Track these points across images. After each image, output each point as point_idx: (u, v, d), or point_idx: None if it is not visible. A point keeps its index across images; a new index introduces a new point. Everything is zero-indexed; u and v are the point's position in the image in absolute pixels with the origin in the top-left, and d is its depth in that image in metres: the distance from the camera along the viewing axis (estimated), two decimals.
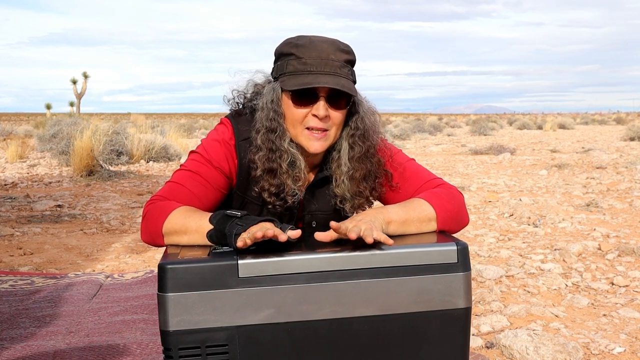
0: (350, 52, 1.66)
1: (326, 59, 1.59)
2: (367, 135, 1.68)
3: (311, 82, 1.57)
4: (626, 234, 4.32)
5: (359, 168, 1.68)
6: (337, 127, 1.66)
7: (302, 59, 1.60)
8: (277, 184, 1.64)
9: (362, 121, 1.68)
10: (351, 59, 1.66)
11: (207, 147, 1.70)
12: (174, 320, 1.34)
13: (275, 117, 1.63)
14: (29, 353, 2.18)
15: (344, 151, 1.68)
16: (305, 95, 1.60)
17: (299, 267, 1.36)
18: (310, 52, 1.60)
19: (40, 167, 9.91)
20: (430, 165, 10.05)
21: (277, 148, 1.63)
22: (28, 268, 3.60)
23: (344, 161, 1.68)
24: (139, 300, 2.87)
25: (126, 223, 5.06)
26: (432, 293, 1.40)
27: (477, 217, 5.11)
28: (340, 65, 1.61)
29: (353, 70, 1.67)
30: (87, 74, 37.16)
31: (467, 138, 20.06)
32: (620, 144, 15.33)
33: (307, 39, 1.63)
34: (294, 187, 1.66)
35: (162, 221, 1.55)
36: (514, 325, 2.54)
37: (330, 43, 1.63)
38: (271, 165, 1.63)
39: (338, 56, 1.61)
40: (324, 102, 1.60)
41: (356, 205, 1.71)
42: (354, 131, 1.68)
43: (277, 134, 1.63)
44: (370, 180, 1.70)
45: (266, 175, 1.64)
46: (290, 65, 1.61)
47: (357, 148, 1.67)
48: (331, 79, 1.58)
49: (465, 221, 1.67)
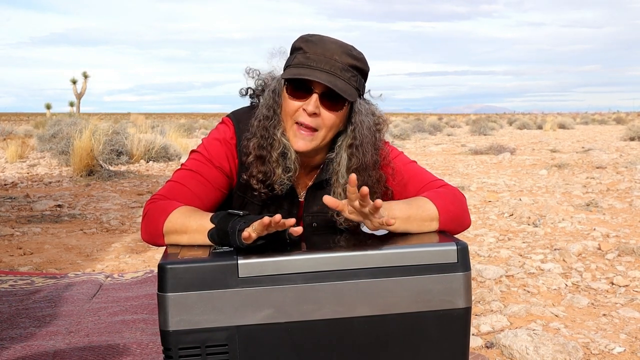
0: (359, 59, 1.63)
1: (329, 58, 1.58)
2: (365, 147, 1.64)
3: (304, 74, 1.56)
4: (626, 233, 4.32)
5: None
6: (328, 129, 1.62)
7: (307, 54, 1.60)
8: (265, 171, 1.63)
9: (360, 132, 1.64)
10: (358, 65, 1.62)
11: (208, 147, 1.70)
12: (173, 320, 1.34)
13: (273, 106, 1.64)
14: (29, 353, 2.18)
15: (342, 162, 1.65)
16: (300, 88, 1.60)
17: (299, 267, 1.36)
18: (316, 49, 1.59)
19: (40, 167, 9.91)
20: (430, 165, 10.06)
21: (270, 136, 1.62)
22: (28, 268, 3.60)
23: (341, 173, 1.65)
24: (138, 300, 2.87)
25: (126, 223, 5.06)
26: (432, 293, 1.40)
27: (477, 217, 5.11)
28: (342, 68, 1.59)
29: (359, 78, 1.64)
30: (87, 74, 37.15)
31: (467, 138, 20.06)
32: (620, 143, 15.33)
33: (318, 36, 1.64)
34: (283, 177, 1.64)
35: (163, 220, 1.55)
36: (514, 325, 2.54)
37: (340, 45, 1.61)
38: (262, 152, 1.62)
39: (343, 58, 1.59)
40: (316, 99, 1.58)
41: (348, 220, 1.69)
42: (352, 141, 1.65)
43: (272, 122, 1.63)
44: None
45: (256, 161, 1.63)
46: (296, 59, 1.61)
47: (355, 159, 1.64)
48: (326, 77, 1.56)
49: (466, 223, 1.67)
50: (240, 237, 1.38)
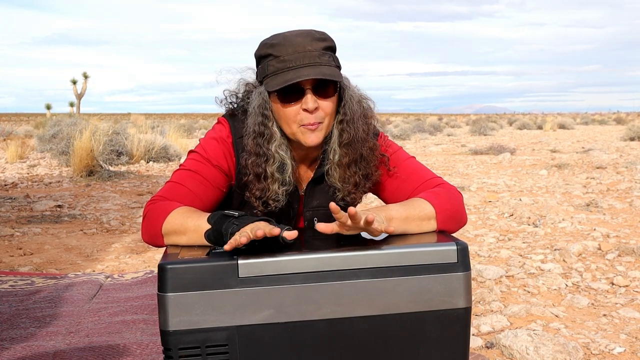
0: (326, 38, 1.64)
1: (303, 52, 1.58)
2: (357, 119, 1.66)
3: (293, 78, 1.56)
4: (626, 234, 4.32)
5: (348, 153, 1.66)
6: (330, 116, 1.64)
7: (279, 57, 1.59)
8: (262, 187, 1.64)
9: (350, 106, 1.66)
10: (329, 45, 1.64)
11: (205, 146, 1.70)
12: (174, 320, 1.34)
13: (263, 121, 1.63)
14: (29, 353, 2.18)
15: (335, 139, 1.67)
16: (291, 92, 1.59)
17: (299, 267, 1.36)
18: (286, 49, 1.59)
19: (40, 167, 9.91)
20: (431, 165, 10.06)
21: (264, 153, 1.62)
22: (28, 268, 3.60)
23: (334, 148, 1.67)
24: (139, 300, 2.87)
25: (126, 223, 5.06)
26: (432, 293, 1.40)
27: (477, 217, 5.11)
28: (318, 54, 1.59)
29: (335, 56, 1.65)
30: (87, 74, 37.15)
31: (467, 138, 20.06)
32: (620, 144, 15.33)
33: (280, 36, 1.62)
34: (277, 192, 1.65)
35: (162, 221, 1.55)
36: (514, 325, 2.54)
37: (305, 35, 1.61)
38: (257, 170, 1.63)
39: (315, 45, 1.60)
40: (311, 95, 1.59)
41: (346, 193, 1.70)
42: (342, 117, 1.66)
43: (265, 138, 1.63)
44: (361, 166, 1.68)
45: (254, 179, 1.64)
46: (271, 66, 1.60)
47: (346, 134, 1.65)
48: (312, 70, 1.56)
49: (464, 221, 1.68)
50: None
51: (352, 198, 1.72)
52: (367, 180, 1.71)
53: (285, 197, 1.67)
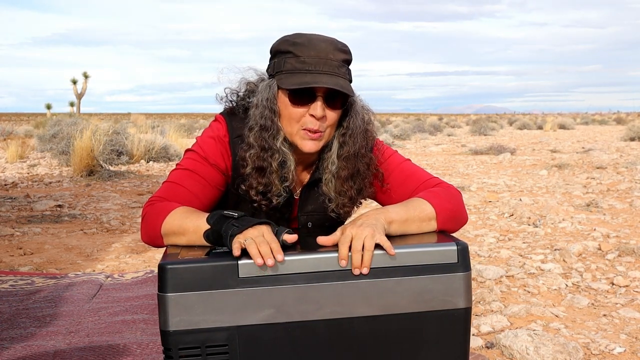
0: (347, 51, 1.65)
1: (325, 59, 1.58)
2: (358, 134, 1.67)
3: (310, 82, 1.56)
4: (626, 234, 4.32)
5: (346, 167, 1.67)
6: (332, 127, 1.65)
7: (300, 58, 1.59)
8: (266, 182, 1.64)
9: (354, 121, 1.67)
10: (348, 58, 1.65)
11: (202, 145, 1.69)
12: (174, 321, 1.34)
13: (269, 115, 1.62)
14: (29, 353, 2.18)
15: (334, 150, 1.68)
16: (304, 95, 1.59)
17: (299, 267, 1.36)
18: (309, 51, 1.59)
19: (40, 167, 9.91)
20: (431, 166, 10.06)
21: (270, 147, 1.62)
22: (28, 268, 3.60)
23: (332, 159, 1.68)
24: (139, 300, 2.87)
25: (126, 223, 5.06)
26: (432, 293, 1.40)
27: (477, 217, 5.11)
28: (338, 65, 1.60)
29: (349, 70, 1.67)
30: (87, 74, 37.16)
31: (467, 138, 20.06)
32: (620, 144, 15.33)
33: (305, 37, 1.62)
34: (280, 188, 1.65)
35: (161, 222, 1.55)
36: (514, 325, 2.54)
37: (329, 42, 1.62)
38: (262, 163, 1.62)
39: (336, 56, 1.60)
40: (321, 102, 1.59)
41: (340, 205, 1.70)
42: (345, 130, 1.67)
43: (271, 133, 1.62)
44: (358, 180, 1.69)
45: (255, 173, 1.63)
46: (288, 64, 1.60)
47: (347, 147, 1.66)
48: (330, 79, 1.57)
49: (464, 220, 1.68)
50: (231, 242, 1.38)
51: (345, 211, 1.74)
52: (359, 195, 1.72)
53: (287, 192, 1.68)
